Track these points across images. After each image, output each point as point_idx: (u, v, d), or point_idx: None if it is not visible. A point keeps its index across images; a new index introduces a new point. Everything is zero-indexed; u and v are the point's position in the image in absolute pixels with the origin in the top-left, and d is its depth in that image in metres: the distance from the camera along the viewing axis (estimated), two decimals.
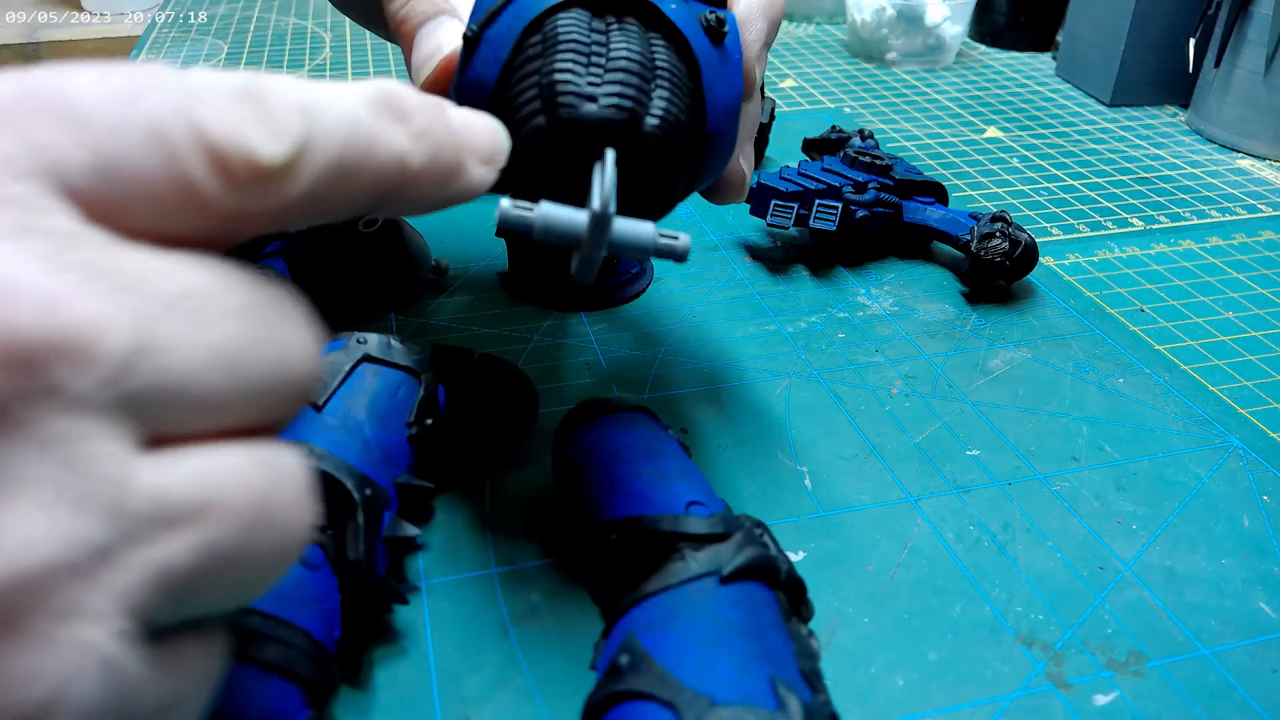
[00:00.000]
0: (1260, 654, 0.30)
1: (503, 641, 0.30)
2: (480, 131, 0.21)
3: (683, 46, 0.27)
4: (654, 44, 0.26)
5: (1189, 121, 0.69)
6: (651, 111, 0.25)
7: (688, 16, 0.27)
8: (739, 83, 0.28)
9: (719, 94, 0.27)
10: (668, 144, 0.25)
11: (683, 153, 0.26)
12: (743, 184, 0.32)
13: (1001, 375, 0.42)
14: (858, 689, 0.28)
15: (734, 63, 0.28)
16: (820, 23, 0.91)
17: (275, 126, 0.16)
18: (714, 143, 0.28)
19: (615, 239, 0.22)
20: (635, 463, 0.29)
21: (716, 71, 0.27)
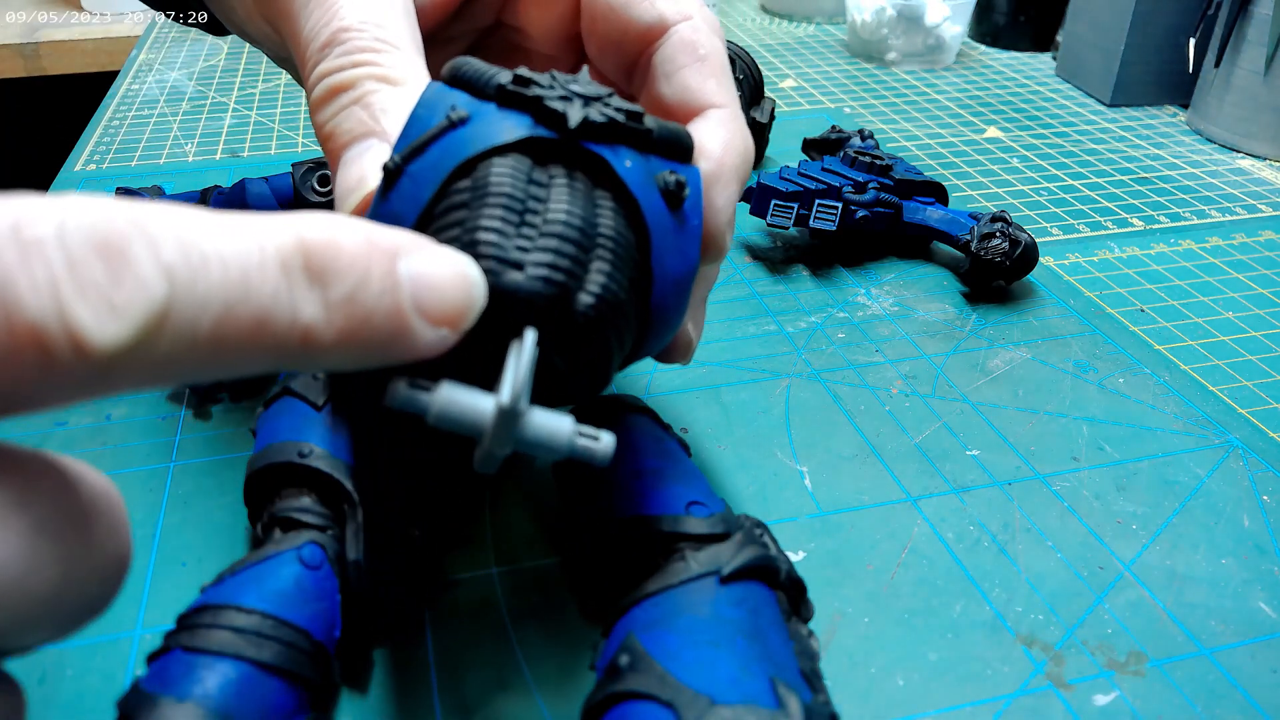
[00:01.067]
0: (1260, 654, 0.30)
1: (503, 641, 0.30)
2: (441, 287, 0.18)
3: (633, 211, 0.24)
4: (600, 206, 0.23)
5: (1189, 121, 0.69)
6: (587, 287, 0.22)
7: (643, 176, 0.24)
8: (694, 253, 0.25)
9: (669, 267, 0.24)
10: (602, 324, 0.22)
11: (620, 333, 0.23)
12: (688, 350, 0.29)
13: (1001, 375, 0.42)
14: (858, 689, 0.28)
15: (691, 230, 0.25)
16: (820, 23, 0.91)
17: (122, 298, 0.13)
18: (658, 319, 0.25)
19: (524, 437, 0.20)
20: (635, 463, 0.29)
21: (670, 241, 0.24)
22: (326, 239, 0.16)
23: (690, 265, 0.25)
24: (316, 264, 0.16)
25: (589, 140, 0.23)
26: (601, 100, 0.24)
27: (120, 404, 0.39)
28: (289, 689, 0.24)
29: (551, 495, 0.35)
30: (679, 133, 0.25)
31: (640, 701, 0.22)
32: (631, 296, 0.23)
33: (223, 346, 0.15)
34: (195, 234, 0.14)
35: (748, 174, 0.28)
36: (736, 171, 0.28)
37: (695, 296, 0.29)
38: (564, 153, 0.23)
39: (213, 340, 0.14)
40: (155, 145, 0.64)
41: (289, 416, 0.30)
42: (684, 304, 0.25)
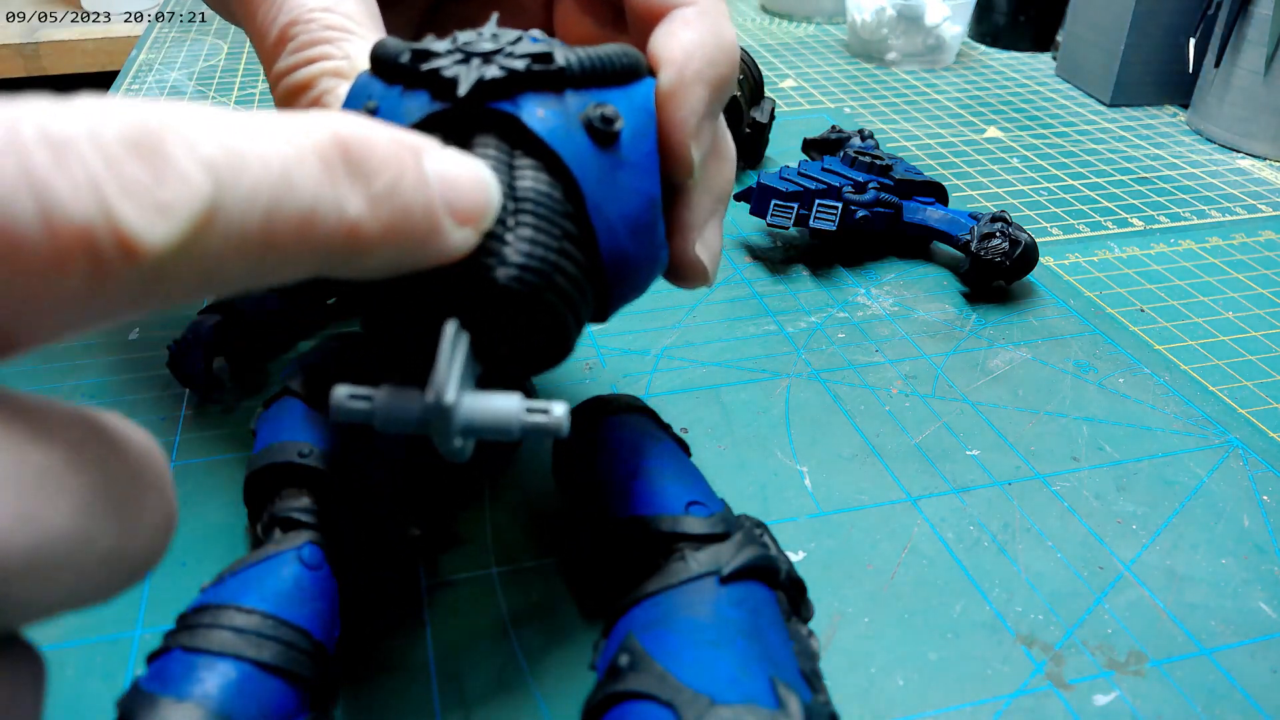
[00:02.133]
0: (1260, 654, 0.30)
1: (503, 641, 0.30)
2: (464, 186, 0.18)
3: (556, 162, 0.22)
4: (518, 167, 0.22)
5: (1189, 121, 0.69)
6: (507, 259, 0.21)
7: (563, 120, 0.22)
8: (646, 184, 0.23)
9: (614, 209, 0.22)
10: (535, 293, 0.21)
11: (563, 294, 0.22)
12: (700, 274, 0.27)
13: (1001, 375, 0.42)
14: (858, 689, 0.28)
15: (640, 162, 0.23)
16: (820, 23, 0.91)
17: (167, 196, 0.13)
18: (618, 266, 0.23)
19: (469, 425, 0.19)
20: (635, 463, 0.29)
21: (607, 181, 0.22)
22: (362, 135, 0.16)
23: (644, 199, 0.23)
24: (356, 158, 0.15)
25: (494, 99, 0.22)
26: (503, 51, 0.22)
27: (120, 405, 0.39)
28: (289, 689, 0.24)
29: (551, 495, 0.35)
30: (609, 56, 0.23)
31: (640, 701, 0.22)
32: (570, 253, 0.22)
33: (272, 245, 0.14)
34: (230, 131, 0.14)
35: (727, 76, 0.25)
36: (702, 76, 0.24)
37: (695, 216, 0.26)
38: (473, 121, 0.22)
39: (262, 238, 0.14)
40: None
41: (289, 416, 0.30)
42: (651, 238, 0.24)
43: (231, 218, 0.13)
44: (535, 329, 0.22)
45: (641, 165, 0.23)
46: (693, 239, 0.26)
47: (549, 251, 0.21)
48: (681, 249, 0.26)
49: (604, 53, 0.23)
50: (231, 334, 0.39)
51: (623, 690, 0.23)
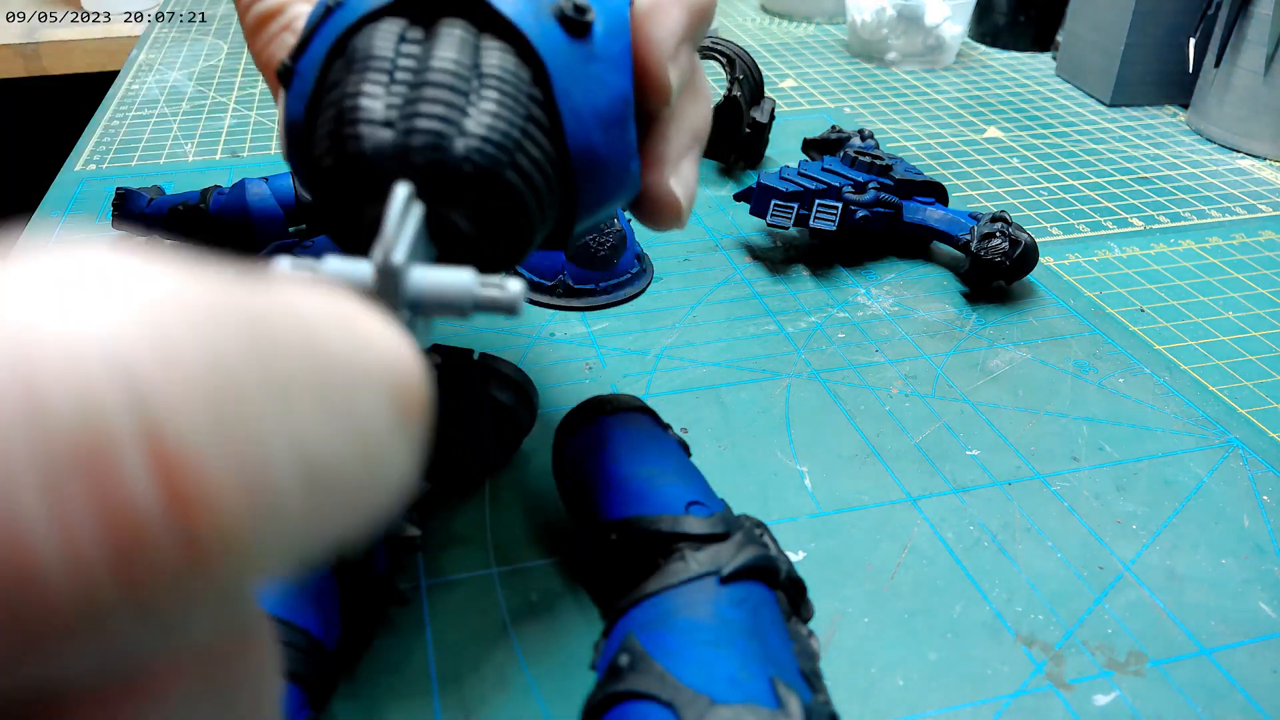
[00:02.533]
0: (1260, 654, 0.30)
1: (503, 641, 0.30)
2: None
3: (525, 46, 0.22)
4: (485, 49, 0.21)
5: (1189, 121, 0.69)
6: (468, 131, 0.20)
7: (533, 6, 0.22)
8: (619, 81, 0.23)
9: (582, 99, 0.22)
10: (494, 168, 0.20)
11: (525, 176, 0.21)
12: (673, 209, 0.26)
13: (1001, 375, 0.42)
14: (858, 689, 0.28)
15: (613, 58, 0.23)
16: (820, 23, 0.91)
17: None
18: (584, 159, 0.22)
19: (417, 295, 0.18)
20: (635, 463, 0.29)
21: (577, 71, 0.22)
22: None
23: (616, 94, 0.22)
24: None
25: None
26: None
27: None
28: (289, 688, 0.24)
29: (552, 495, 0.35)
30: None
31: (640, 701, 0.22)
32: (535, 136, 0.21)
33: None
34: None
35: (705, 4, 0.25)
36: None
37: (670, 149, 0.26)
38: (443, 5, 0.22)
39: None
40: (155, 145, 0.64)
41: None
42: (622, 136, 0.23)
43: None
44: (495, 210, 0.21)
45: (614, 60, 0.23)
46: (667, 172, 0.25)
47: (511, 127, 0.21)
48: (655, 181, 0.25)
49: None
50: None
51: (623, 690, 0.23)
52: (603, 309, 0.46)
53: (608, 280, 0.47)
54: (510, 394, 0.34)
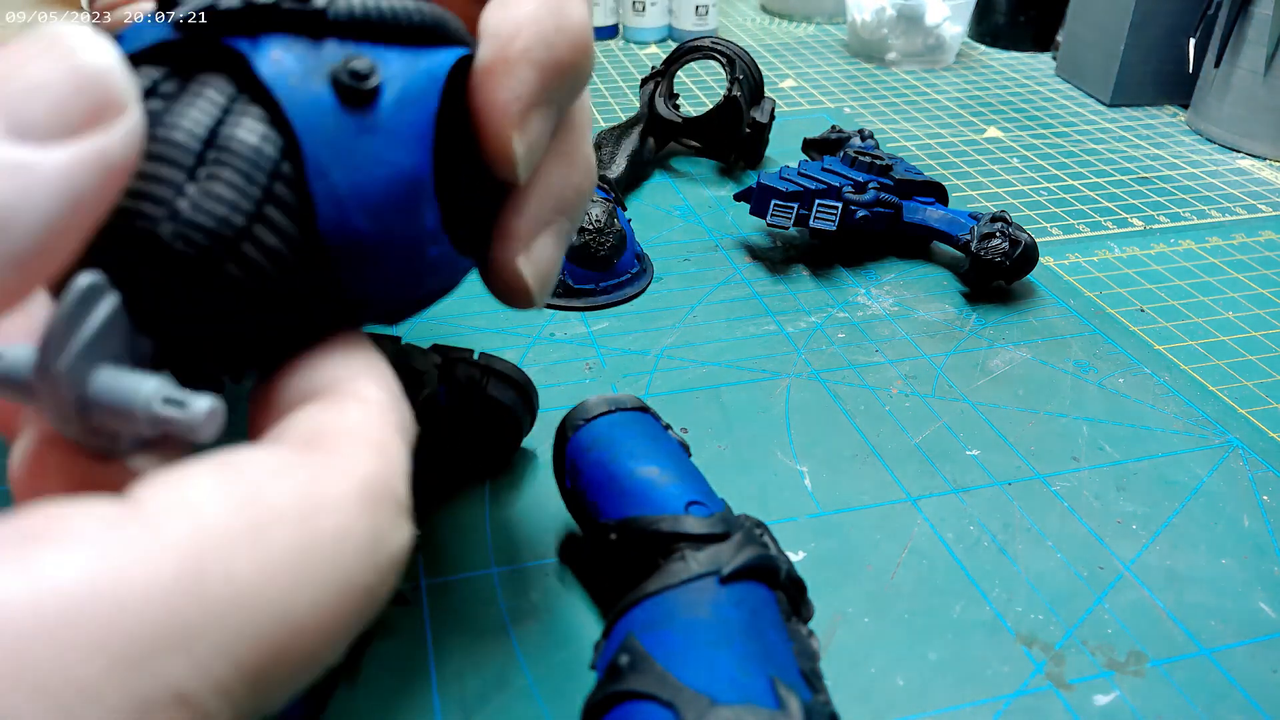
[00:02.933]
0: (1260, 654, 0.30)
1: (503, 641, 0.30)
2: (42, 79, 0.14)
3: (280, 116, 0.19)
4: (235, 114, 0.18)
5: (1189, 121, 0.69)
6: (179, 213, 0.17)
7: (302, 69, 0.19)
8: (405, 159, 0.19)
9: (344, 178, 0.19)
10: (205, 260, 0.18)
11: (250, 272, 0.18)
12: (519, 291, 0.23)
13: (1001, 375, 0.42)
14: (858, 689, 0.28)
15: (401, 130, 0.19)
16: (820, 23, 0.91)
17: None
18: (343, 248, 0.19)
19: (82, 400, 0.16)
20: (635, 463, 0.29)
21: (343, 146, 0.19)
22: None
23: (396, 172, 0.19)
24: None
25: (232, 34, 0.19)
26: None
27: None
28: None
29: (552, 495, 0.35)
30: (398, 10, 0.20)
31: (640, 701, 0.22)
32: (275, 220, 0.18)
33: None
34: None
35: (565, 61, 0.21)
36: (531, 55, 0.21)
37: (521, 223, 0.23)
38: (205, 58, 0.19)
39: None
40: None
41: None
42: (407, 221, 0.20)
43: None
44: (217, 306, 0.18)
45: (403, 135, 0.19)
46: (514, 249, 0.23)
47: (236, 212, 0.18)
48: (501, 258, 0.23)
49: (394, 5, 0.20)
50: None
51: (623, 690, 0.23)
52: (603, 309, 0.46)
53: (608, 280, 0.47)
54: (510, 394, 0.34)
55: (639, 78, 0.75)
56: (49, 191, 0.14)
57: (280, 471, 0.16)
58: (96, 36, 0.15)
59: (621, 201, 0.52)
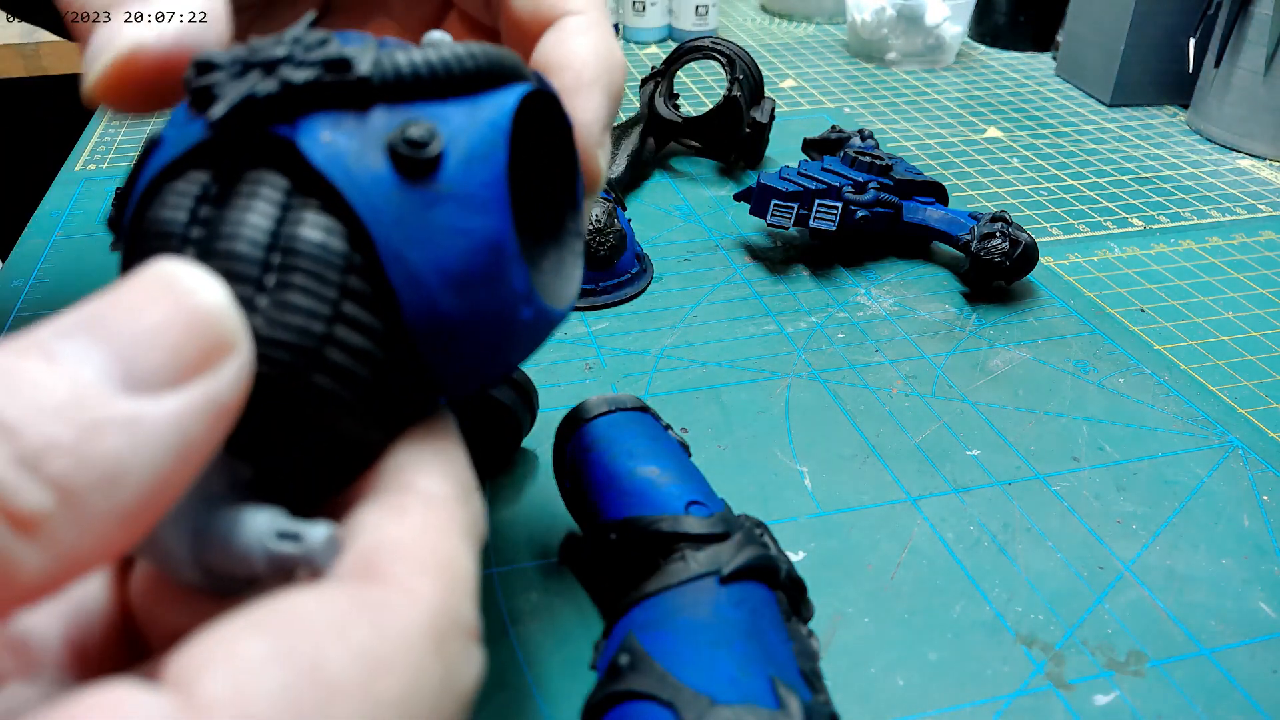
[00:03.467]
0: (1260, 654, 0.30)
1: (503, 641, 0.30)
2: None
3: (339, 203, 0.17)
4: (295, 207, 0.17)
5: (1189, 121, 0.69)
6: (257, 332, 0.16)
7: (356, 146, 0.17)
8: (485, 224, 0.18)
9: (423, 257, 0.17)
10: (289, 378, 0.16)
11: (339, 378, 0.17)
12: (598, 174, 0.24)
13: (1001, 375, 0.42)
14: (858, 689, 0.28)
15: (473, 193, 0.18)
16: (820, 23, 0.91)
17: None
18: (431, 333, 0.18)
19: (197, 557, 0.16)
20: (635, 463, 0.29)
21: (415, 223, 0.17)
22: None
23: (477, 240, 0.18)
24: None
25: (273, 122, 0.17)
26: (292, 60, 0.17)
27: None
28: None
29: (552, 495, 0.35)
30: (449, 59, 0.18)
31: (640, 701, 0.22)
32: (357, 319, 0.17)
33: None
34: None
35: (619, 90, 0.24)
36: (601, 82, 0.23)
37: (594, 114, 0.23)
38: (250, 152, 0.17)
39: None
40: None
41: None
42: (492, 291, 0.18)
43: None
44: (311, 419, 0.17)
45: (477, 198, 0.18)
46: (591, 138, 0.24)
47: (314, 319, 0.16)
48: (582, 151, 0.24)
49: (443, 55, 0.18)
50: None
51: (623, 690, 0.23)
52: (603, 309, 0.46)
53: (608, 280, 0.47)
54: (510, 394, 0.34)
55: (639, 78, 0.75)
56: (161, 443, 0.13)
57: (339, 629, 0.14)
58: (206, 274, 0.15)
59: (621, 201, 0.52)
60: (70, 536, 0.12)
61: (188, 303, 0.14)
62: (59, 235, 0.53)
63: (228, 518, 0.16)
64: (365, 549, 0.16)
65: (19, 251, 0.52)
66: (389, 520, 0.17)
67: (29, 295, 0.48)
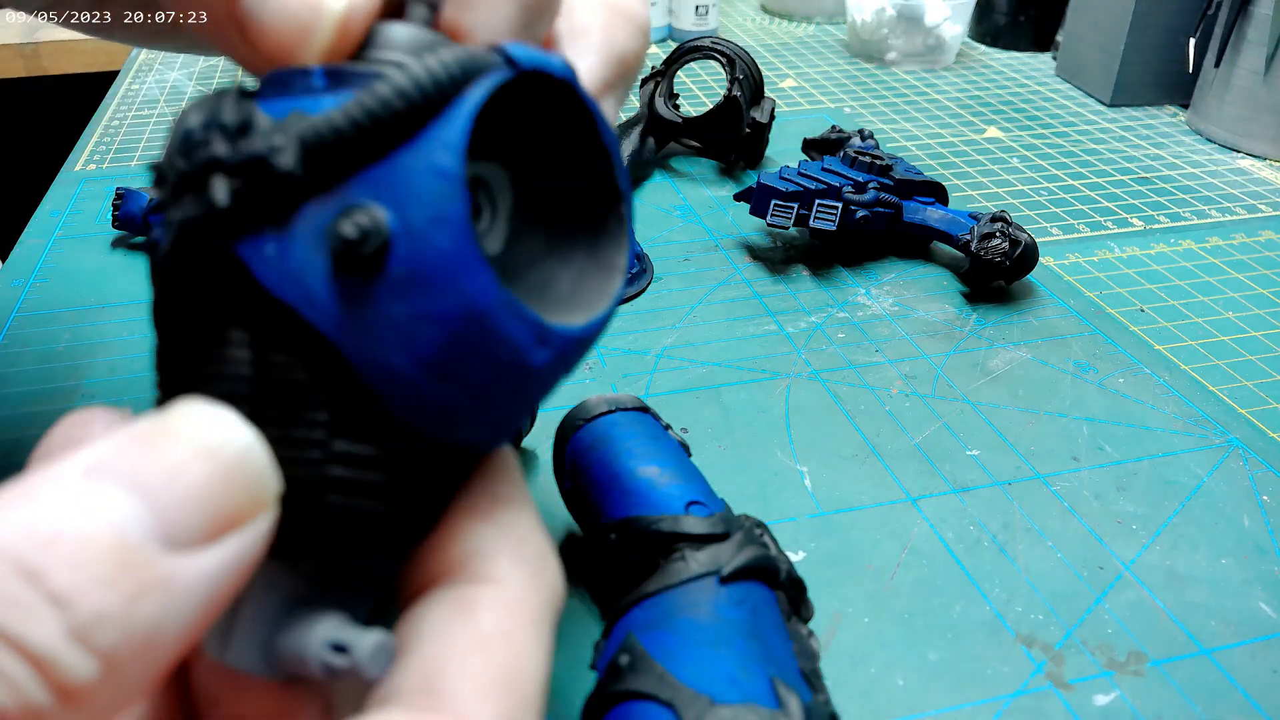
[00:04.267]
0: (1260, 654, 0.30)
1: None
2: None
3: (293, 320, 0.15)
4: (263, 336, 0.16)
5: (1189, 121, 0.69)
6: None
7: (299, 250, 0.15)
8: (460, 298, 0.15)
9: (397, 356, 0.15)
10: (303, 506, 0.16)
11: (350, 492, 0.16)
12: None
13: (1001, 375, 0.42)
14: (858, 689, 0.28)
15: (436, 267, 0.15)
16: (820, 23, 0.91)
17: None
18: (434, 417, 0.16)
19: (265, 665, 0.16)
20: (635, 463, 0.29)
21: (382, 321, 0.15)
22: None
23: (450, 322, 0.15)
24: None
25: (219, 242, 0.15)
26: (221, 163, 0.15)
27: (119, 403, 0.39)
28: None
29: (552, 495, 0.35)
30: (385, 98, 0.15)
31: (640, 701, 0.22)
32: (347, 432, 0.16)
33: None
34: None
35: (633, 48, 0.21)
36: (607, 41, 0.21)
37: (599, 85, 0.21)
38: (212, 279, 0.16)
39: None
40: (155, 145, 0.64)
41: None
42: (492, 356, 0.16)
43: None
44: (340, 536, 0.16)
45: (440, 273, 0.15)
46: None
47: (310, 447, 0.16)
48: None
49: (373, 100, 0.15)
50: None
51: (623, 690, 0.23)
52: None
53: None
54: None
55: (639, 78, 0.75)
56: (194, 600, 0.13)
57: None
58: (245, 427, 0.14)
59: None
60: (107, 700, 0.12)
61: (229, 461, 0.14)
62: (59, 235, 0.53)
63: (290, 628, 0.16)
64: (428, 663, 0.15)
65: (19, 251, 0.52)
66: (454, 623, 0.16)
67: (29, 295, 0.48)
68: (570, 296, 0.19)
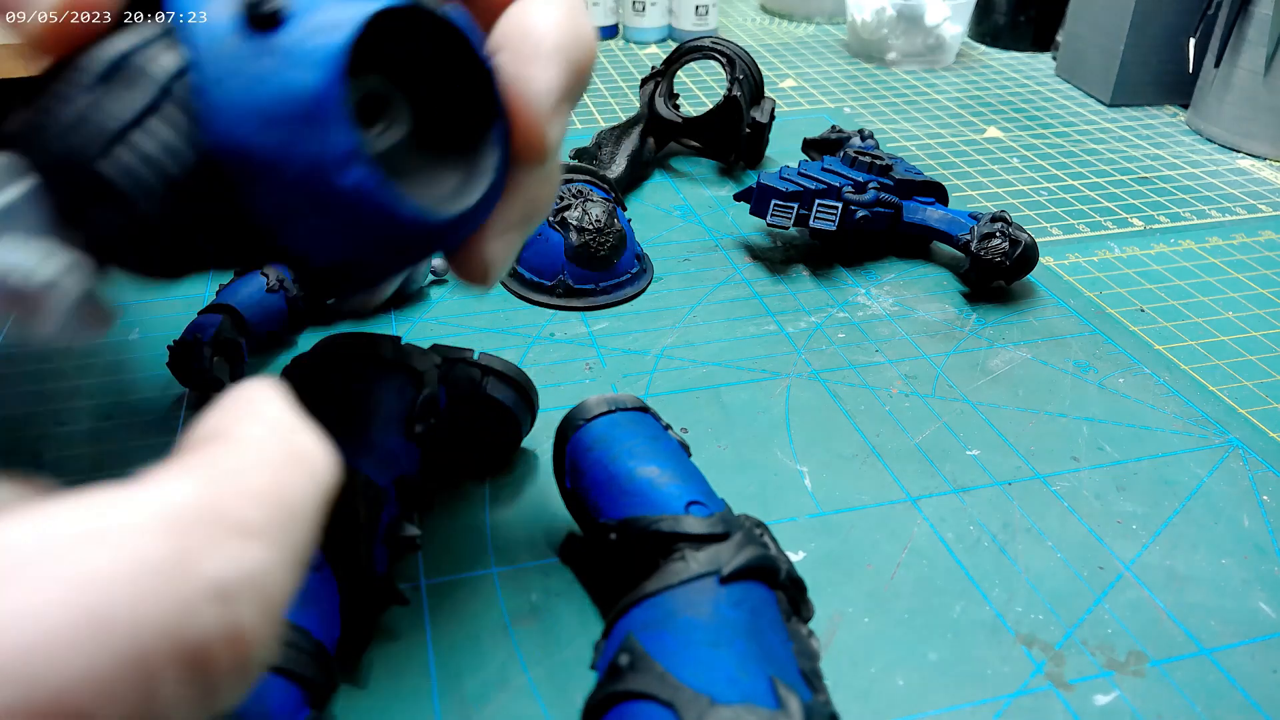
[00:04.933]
0: (1260, 654, 0.30)
1: (503, 641, 0.30)
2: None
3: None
4: (154, 45, 0.20)
5: (1189, 121, 0.69)
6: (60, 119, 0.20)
7: (223, 6, 0.20)
8: (307, 78, 0.20)
9: (234, 90, 0.20)
10: (74, 162, 0.20)
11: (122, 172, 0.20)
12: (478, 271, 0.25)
13: (1001, 375, 0.42)
14: (858, 689, 0.28)
15: (304, 54, 0.20)
16: (820, 23, 0.91)
17: None
18: (234, 157, 0.20)
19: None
20: (635, 463, 0.29)
21: (241, 64, 0.20)
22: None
23: (289, 87, 0.19)
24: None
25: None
26: None
27: (120, 405, 0.39)
28: (289, 688, 0.24)
29: (552, 495, 0.35)
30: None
31: (640, 701, 0.22)
32: (155, 130, 0.19)
33: None
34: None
35: (584, 61, 0.24)
36: (561, 54, 0.23)
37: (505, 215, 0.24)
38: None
39: None
40: None
41: None
42: (310, 138, 0.20)
43: None
44: (113, 208, 0.20)
45: (309, 57, 0.20)
46: (490, 234, 0.24)
47: (113, 119, 0.19)
48: (475, 248, 0.24)
49: None
50: (231, 334, 0.39)
51: (623, 690, 0.23)
52: (603, 309, 0.46)
53: (608, 280, 0.47)
54: (510, 394, 0.34)
55: (639, 78, 0.75)
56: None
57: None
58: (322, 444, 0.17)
59: (621, 201, 0.52)
60: None
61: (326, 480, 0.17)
62: None
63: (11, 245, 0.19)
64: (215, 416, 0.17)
65: None
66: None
67: None
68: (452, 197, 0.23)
